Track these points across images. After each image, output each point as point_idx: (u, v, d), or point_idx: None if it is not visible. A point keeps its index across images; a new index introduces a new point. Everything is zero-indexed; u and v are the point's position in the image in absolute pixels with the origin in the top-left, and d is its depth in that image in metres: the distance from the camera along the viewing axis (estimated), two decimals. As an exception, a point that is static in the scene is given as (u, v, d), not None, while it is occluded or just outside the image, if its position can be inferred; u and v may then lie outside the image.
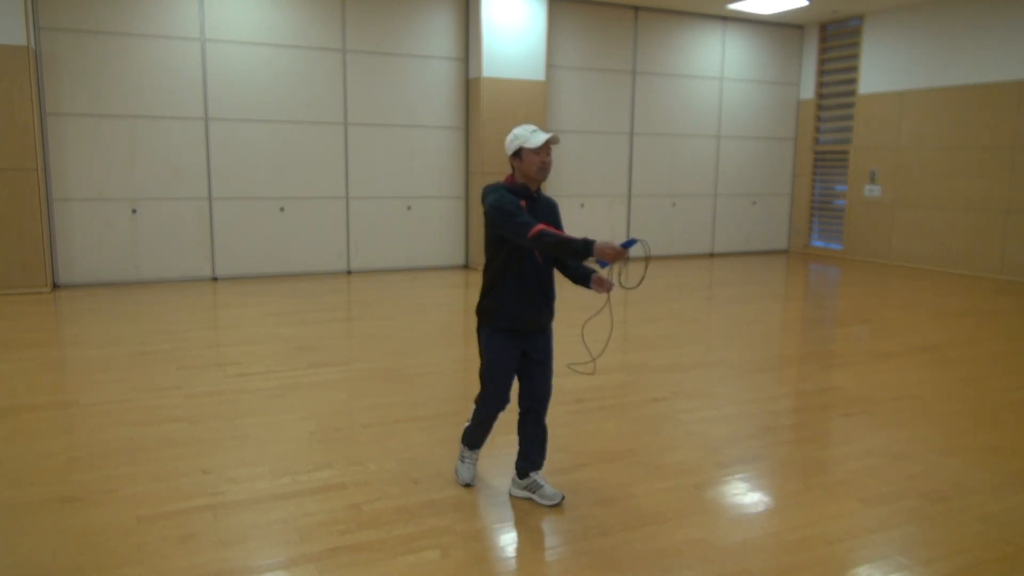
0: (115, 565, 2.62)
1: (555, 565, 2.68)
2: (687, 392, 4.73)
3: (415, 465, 3.51)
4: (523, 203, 2.98)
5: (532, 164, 2.97)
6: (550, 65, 9.81)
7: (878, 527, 2.98)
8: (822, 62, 11.54)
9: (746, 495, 3.28)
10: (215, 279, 8.57)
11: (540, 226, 2.82)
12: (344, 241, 9.20)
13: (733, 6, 10.25)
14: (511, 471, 3.27)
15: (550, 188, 10.09)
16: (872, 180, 10.80)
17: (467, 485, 3.28)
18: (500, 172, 9.44)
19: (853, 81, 11.03)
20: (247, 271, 8.75)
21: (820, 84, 11.62)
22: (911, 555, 2.77)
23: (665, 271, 9.89)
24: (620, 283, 3.00)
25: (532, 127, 3.01)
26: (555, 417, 4.19)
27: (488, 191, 3.04)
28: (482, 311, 3.11)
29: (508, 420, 4.15)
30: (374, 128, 9.13)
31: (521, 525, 2.97)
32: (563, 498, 3.13)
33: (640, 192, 10.84)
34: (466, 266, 9.87)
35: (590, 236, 2.81)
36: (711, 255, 11.56)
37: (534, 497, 3.15)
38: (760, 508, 3.16)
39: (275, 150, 8.68)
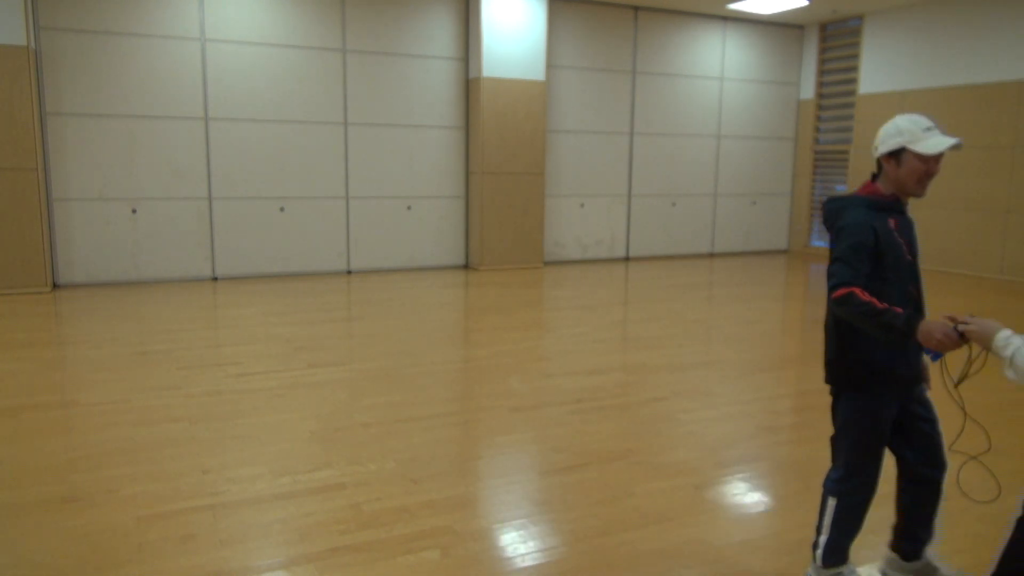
0: (115, 565, 2.62)
1: (555, 565, 2.68)
2: (687, 392, 4.73)
3: (415, 465, 3.51)
4: (893, 223, 2.22)
5: (914, 173, 2.21)
6: (550, 65, 9.81)
7: (878, 527, 2.98)
8: (822, 62, 11.53)
9: (746, 495, 3.28)
10: (215, 279, 8.57)
11: (850, 288, 2.07)
12: (344, 241, 9.20)
13: (733, 6, 10.24)
14: (512, 471, 3.25)
15: (549, 188, 10.09)
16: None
17: None
18: (501, 172, 9.43)
19: (853, 81, 11.02)
20: (247, 271, 8.75)
21: (820, 84, 11.61)
22: (911, 555, 2.77)
23: (665, 271, 9.89)
24: (946, 380, 2.23)
25: (927, 122, 2.22)
26: (555, 417, 4.20)
27: (840, 209, 2.25)
28: (847, 373, 2.32)
29: (506, 417, 4.15)
30: (374, 128, 9.13)
31: (521, 525, 2.97)
32: None
33: (640, 192, 10.83)
34: (466, 266, 9.87)
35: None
36: (711, 255, 11.55)
37: None
38: (760, 508, 3.16)
39: (275, 150, 8.68)
